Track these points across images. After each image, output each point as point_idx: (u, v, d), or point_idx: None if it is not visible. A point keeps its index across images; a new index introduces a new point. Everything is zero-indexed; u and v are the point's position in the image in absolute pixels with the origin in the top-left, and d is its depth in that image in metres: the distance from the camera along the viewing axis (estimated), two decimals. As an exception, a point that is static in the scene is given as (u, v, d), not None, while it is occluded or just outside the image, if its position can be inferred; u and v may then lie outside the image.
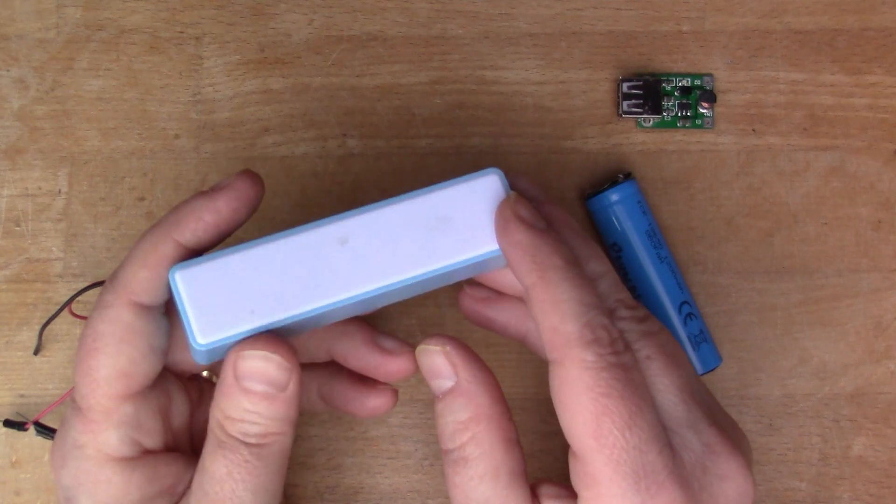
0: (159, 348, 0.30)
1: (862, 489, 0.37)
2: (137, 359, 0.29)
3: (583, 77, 0.39)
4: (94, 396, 0.29)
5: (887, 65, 0.39)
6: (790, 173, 0.39)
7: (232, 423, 0.28)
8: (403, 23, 0.39)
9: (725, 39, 0.39)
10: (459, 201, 0.30)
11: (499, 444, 0.28)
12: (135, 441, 0.30)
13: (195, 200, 0.30)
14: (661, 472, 0.27)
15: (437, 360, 0.29)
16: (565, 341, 0.27)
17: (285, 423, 0.29)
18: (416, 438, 0.37)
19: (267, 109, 0.39)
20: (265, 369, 0.28)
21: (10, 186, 0.38)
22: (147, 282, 0.29)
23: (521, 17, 0.39)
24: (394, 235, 0.29)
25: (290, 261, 0.29)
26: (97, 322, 0.29)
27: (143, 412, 0.30)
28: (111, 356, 0.29)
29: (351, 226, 0.29)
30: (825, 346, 0.38)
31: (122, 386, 0.29)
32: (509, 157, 0.38)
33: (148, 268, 0.29)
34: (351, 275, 0.29)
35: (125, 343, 0.29)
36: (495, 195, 0.30)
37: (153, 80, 0.39)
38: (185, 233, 0.29)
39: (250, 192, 0.30)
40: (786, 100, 0.39)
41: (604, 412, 0.26)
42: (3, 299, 0.38)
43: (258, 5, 0.39)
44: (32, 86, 0.39)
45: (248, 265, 0.29)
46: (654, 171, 0.38)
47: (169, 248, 0.29)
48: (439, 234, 0.30)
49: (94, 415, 0.29)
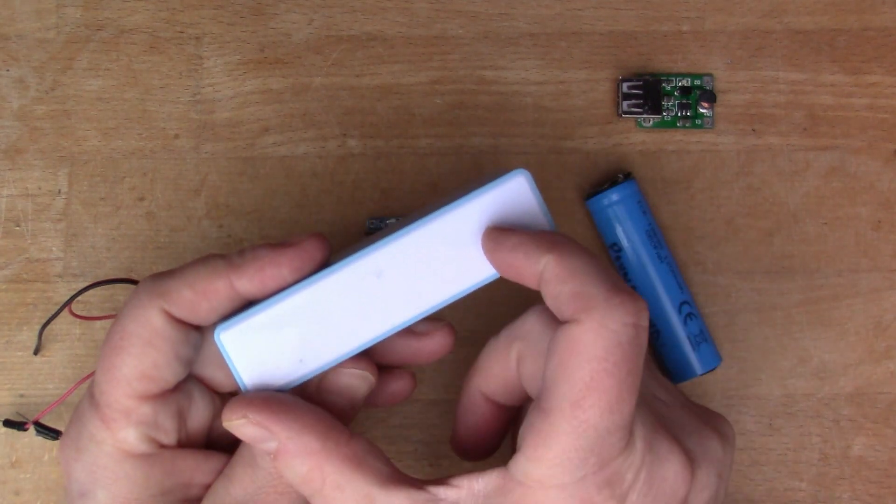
0: (185, 357, 0.30)
1: (862, 489, 0.37)
2: (162, 364, 0.29)
3: (583, 77, 0.39)
4: (113, 394, 0.29)
5: (887, 65, 0.39)
6: (790, 173, 0.39)
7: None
8: (403, 23, 0.39)
9: (725, 39, 0.39)
10: (490, 211, 0.29)
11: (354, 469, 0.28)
12: (152, 439, 0.30)
13: (261, 249, 0.30)
14: (615, 457, 0.27)
15: (248, 430, 0.29)
16: (588, 302, 0.26)
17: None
18: (416, 438, 0.37)
19: (267, 109, 0.39)
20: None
21: (10, 186, 0.38)
22: (187, 301, 0.29)
23: (521, 17, 0.39)
24: (429, 258, 0.29)
25: (330, 304, 0.29)
26: (127, 321, 0.30)
27: (161, 413, 0.30)
28: (136, 357, 0.29)
29: (384, 257, 0.29)
30: (825, 345, 0.38)
31: (142, 387, 0.29)
32: (509, 157, 0.38)
33: (194, 291, 0.29)
34: (392, 306, 0.29)
35: (151, 347, 0.29)
36: (525, 198, 0.29)
37: (153, 80, 0.39)
38: (243, 279, 0.29)
39: (317, 255, 0.30)
40: (786, 100, 0.39)
41: (596, 387, 0.26)
42: (3, 299, 0.38)
43: (258, 5, 0.39)
44: (32, 86, 0.39)
45: (289, 315, 0.29)
46: (654, 171, 0.38)
47: (221, 284, 0.29)
48: (474, 248, 0.29)
49: (112, 412, 0.29)
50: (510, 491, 0.27)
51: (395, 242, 0.29)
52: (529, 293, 0.38)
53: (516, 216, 0.29)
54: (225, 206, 0.38)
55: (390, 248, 0.29)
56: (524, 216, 0.29)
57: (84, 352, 0.37)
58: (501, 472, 0.28)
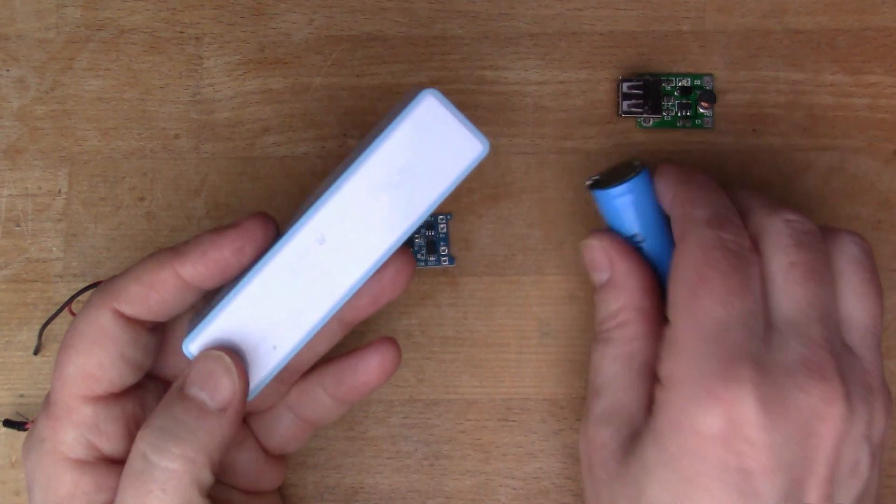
0: (133, 360, 0.30)
1: (862, 489, 0.37)
2: (106, 364, 0.29)
3: (583, 77, 0.39)
4: (58, 393, 0.29)
5: (887, 65, 0.39)
6: (790, 173, 0.39)
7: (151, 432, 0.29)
8: (403, 23, 0.39)
9: (725, 39, 0.39)
10: (409, 143, 0.28)
11: (641, 335, 0.31)
12: (90, 444, 0.29)
13: (204, 235, 0.30)
14: (741, 352, 0.28)
15: (596, 254, 0.32)
16: (690, 222, 0.30)
17: (207, 452, 0.28)
18: (416, 438, 0.37)
19: (267, 109, 0.39)
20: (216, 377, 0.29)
21: (10, 186, 0.38)
22: (136, 296, 0.29)
23: (521, 17, 0.39)
24: (364, 209, 0.29)
25: (283, 283, 0.29)
26: (78, 321, 0.30)
27: (104, 416, 0.29)
28: (82, 355, 0.29)
29: (321, 222, 0.29)
30: (825, 346, 0.38)
31: (85, 387, 0.29)
32: (509, 157, 0.38)
33: (141, 284, 0.29)
34: (344, 264, 0.29)
35: (97, 346, 0.29)
36: (441, 117, 0.28)
37: (153, 80, 0.39)
38: (187, 265, 0.29)
39: (258, 233, 0.29)
40: (786, 100, 0.39)
41: (702, 282, 0.28)
42: (3, 299, 0.38)
43: (258, 5, 0.39)
44: (32, 86, 0.39)
45: (248, 307, 0.29)
46: (654, 171, 0.38)
47: (167, 275, 0.29)
48: (408, 184, 0.29)
49: (57, 411, 0.29)
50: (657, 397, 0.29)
51: (326, 205, 0.29)
52: (528, 292, 0.38)
53: (439, 139, 0.29)
54: (225, 206, 0.38)
55: (323, 211, 0.29)
56: (446, 136, 0.29)
57: (84, 352, 0.37)
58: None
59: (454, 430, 0.37)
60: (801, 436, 0.27)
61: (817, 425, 0.27)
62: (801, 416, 0.27)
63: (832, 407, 0.27)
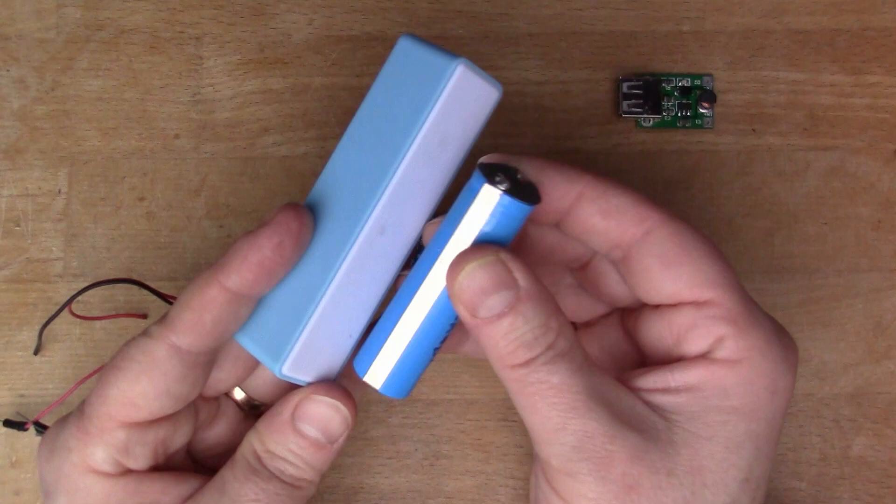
0: (177, 395, 0.29)
1: (862, 489, 0.37)
2: (150, 395, 0.29)
3: (583, 77, 0.39)
4: (95, 409, 0.29)
5: (887, 65, 0.39)
6: (790, 173, 0.39)
7: (272, 457, 0.29)
8: (403, 23, 0.39)
9: (725, 39, 0.39)
10: (447, 117, 0.28)
11: (574, 333, 0.28)
12: (119, 463, 0.29)
13: (239, 241, 0.28)
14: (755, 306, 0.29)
15: (498, 270, 0.27)
16: (650, 203, 0.29)
17: (319, 474, 0.30)
18: (416, 438, 0.37)
19: (267, 109, 0.39)
20: (328, 418, 0.29)
21: (10, 186, 0.38)
22: (190, 324, 0.28)
23: (521, 17, 0.39)
24: (412, 190, 0.29)
25: (355, 280, 0.29)
26: (133, 346, 0.29)
27: (135, 440, 0.29)
28: (128, 381, 0.29)
29: (380, 216, 0.29)
30: (825, 346, 0.38)
31: (123, 412, 0.29)
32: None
33: (192, 310, 0.28)
34: (399, 242, 0.29)
35: (145, 376, 0.29)
36: (469, 81, 0.28)
37: (153, 80, 0.39)
38: (231, 275, 0.28)
39: (293, 224, 0.28)
40: (786, 100, 0.39)
41: (718, 255, 0.28)
42: (3, 299, 0.38)
43: (258, 5, 0.39)
44: (32, 86, 0.39)
45: (328, 312, 0.29)
46: (654, 171, 0.38)
47: (215, 291, 0.28)
48: (445, 150, 0.29)
49: (90, 426, 0.29)
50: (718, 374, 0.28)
51: (384, 198, 0.28)
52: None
53: (468, 100, 0.29)
54: (225, 206, 0.38)
55: (382, 205, 0.28)
56: (473, 95, 0.29)
57: (84, 352, 0.37)
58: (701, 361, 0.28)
59: (454, 430, 0.37)
60: None
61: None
62: None
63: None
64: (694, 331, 0.28)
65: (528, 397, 0.27)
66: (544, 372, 0.26)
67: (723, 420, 0.27)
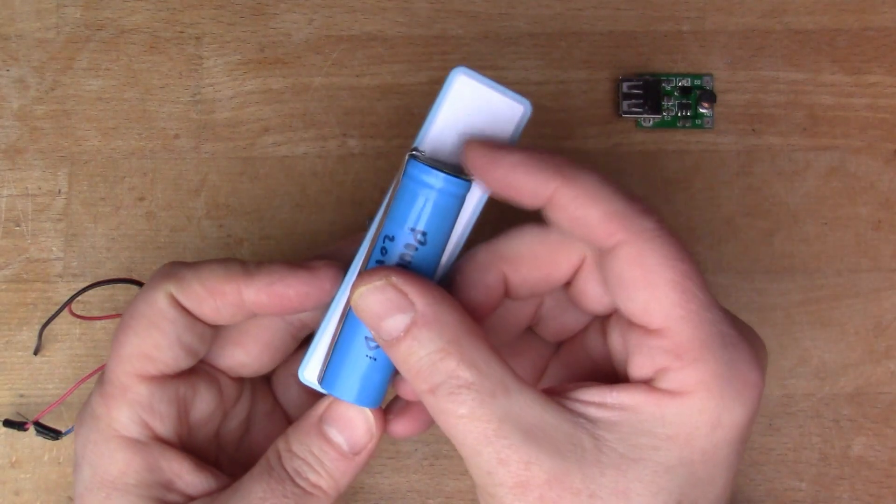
0: (188, 344, 0.30)
1: (862, 489, 0.37)
2: (163, 345, 0.29)
3: (583, 77, 0.39)
4: (114, 371, 0.30)
5: (887, 65, 0.39)
6: (790, 173, 0.39)
7: (291, 457, 0.29)
8: (403, 23, 0.39)
9: (725, 39, 0.39)
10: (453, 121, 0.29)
11: (491, 355, 0.26)
12: (145, 423, 0.30)
13: (277, 265, 0.29)
14: (731, 331, 0.26)
15: (384, 295, 0.26)
16: (622, 219, 0.26)
17: (335, 488, 0.29)
18: (416, 438, 0.37)
19: (267, 109, 0.39)
20: (355, 424, 0.29)
21: (10, 186, 0.38)
22: (193, 294, 0.29)
23: (521, 17, 0.39)
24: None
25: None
26: (137, 301, 0.30)
27: (157, 396, 0.30)
28: (139, 335, 0.29)
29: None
30: (825, 345, 0.38)
31: (140, 366, 0.29)
32: (509, 157, 0.38)
33: (202, 287, 0.29)
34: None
35: (154, 327, 0.29)
36: (479, 92, 0.29)
37: (153, 80, 0.39)
38: (252, 288, 0.29)
39: (326, 285, 0.29)
40: (786, 100, 0.39)
41: (685, 276, 0.26)
42: (3, 299, 0.38)
43: (258, 5, 0.39)
44: (32, 86, 0.39)
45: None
46: (654, 171, 0.38)
47: (230, 288, 0.29)
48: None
49: (111, 388, 0.30)
50: (657, 404, 0.26)
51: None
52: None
53: (481, 110, 0.29)
54: (225, 206, 0.38)
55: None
56: (486, 106, 0.29)
57: (84, 352, 0.37)
58: (643, 387, 0.27)
59: (454, 430, 0.37)
60: None
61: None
62: None
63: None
64: (639, 357, 0.27)
65: (441, 423, 0.26)
66: (450, 402, 0.26)
67: (654, 445, 0.26)
